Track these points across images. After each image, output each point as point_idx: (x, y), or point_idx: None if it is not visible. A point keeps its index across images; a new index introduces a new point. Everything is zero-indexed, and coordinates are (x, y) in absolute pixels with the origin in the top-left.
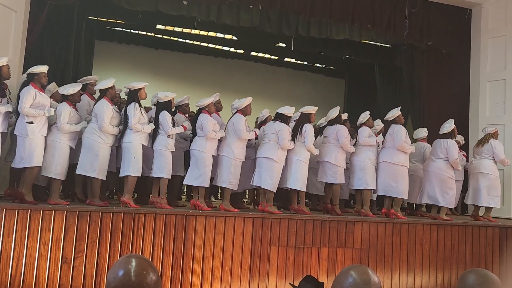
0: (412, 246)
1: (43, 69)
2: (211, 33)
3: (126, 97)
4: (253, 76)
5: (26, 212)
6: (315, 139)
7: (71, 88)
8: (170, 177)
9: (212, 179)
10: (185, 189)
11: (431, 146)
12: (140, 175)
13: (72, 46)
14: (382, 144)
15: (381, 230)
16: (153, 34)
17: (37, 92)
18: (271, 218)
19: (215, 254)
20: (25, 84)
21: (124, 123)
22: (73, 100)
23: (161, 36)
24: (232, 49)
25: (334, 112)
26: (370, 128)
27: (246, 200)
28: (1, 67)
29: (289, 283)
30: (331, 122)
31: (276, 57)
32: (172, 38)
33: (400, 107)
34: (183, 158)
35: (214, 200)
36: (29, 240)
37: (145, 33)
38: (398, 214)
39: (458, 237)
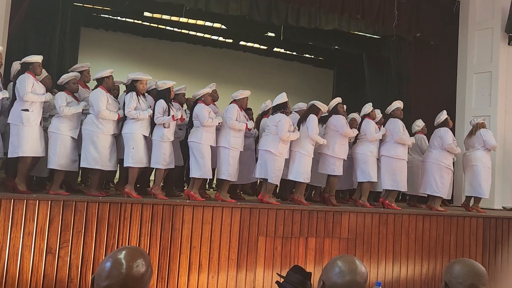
0: (398, 236)
1: (37, 58)
2: (199, 22)
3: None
4: (242, 66)
5: (10, 201)
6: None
7: (65, 76)
8: (165, 168)
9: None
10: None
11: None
12: (141, 166)
13: (57, 33)
14: (383, 137)
15: (368, 221)
16: (140, 22)
17: (34, 80)
18: (259, 208)
19: (202, 244)
20: (20, 73)
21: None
22: (70, 89)
23: (148, 24)
24: (220, 38)
25: (331, 103)
26: (373, 119)
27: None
28: None
29: (277, 273)
30: (330, 113)
31: (265, 47)
32: (159, 26)
33: (401, 102)
34: (179, 148)
35: (208, 189)
36: (13, 230)
37: (132, 20)
38: (393, 205)
39: (443, 228)
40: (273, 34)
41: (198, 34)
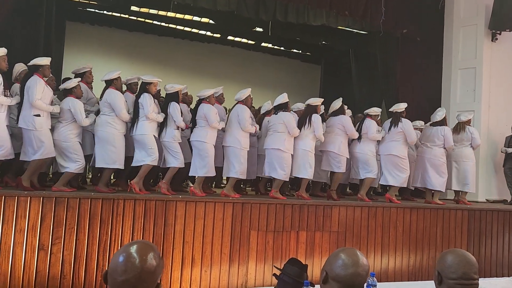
0: (387, 229)
1: (47, 61)
2: (187, 16)
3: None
4: (230, 61)
5: (0, 199)
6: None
7: (73, 81)
8: (183, 166)
9: (217, 168)
10: None
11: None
12: (156, 164)
13: (43, 27)
14: (387, 136)
15: (357, 214)
16: (127, 16)
17: (44, 84)
18: (251, 203)
19: (195, 239)
20: (29, 76)
21: (134, 114)
22: (76, 94)
23: (135, 18)
24: (208, 33)
25: (337, 103)
26: (375, 121)
27: (223, 186)
28: None
29: (274, 266)
30: (335, 113)
31: (253, 42)
32: (147, 20)
33: (406, 101)
34: (188, 145)
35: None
36: (4, 227)
37: (118, 14)
38: (393, 198)
39: (430, 220)
40: (261, 29)
41: (186, 28)
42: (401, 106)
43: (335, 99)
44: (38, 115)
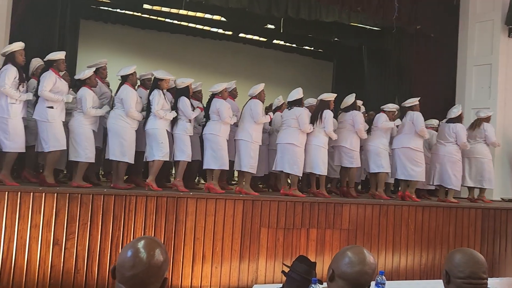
0: (398, 227)
1: (61, 55)
2: (199, 14)
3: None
4: (241, 58)
5: (16, 194)
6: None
7: (86, 71)
8: (190, 160)
9: (230, 163)
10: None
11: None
12: (167, 159)
13: (57, 25)
14: (400, 130)
15: (368, 212)
16: (139, 14)
17: (57, 77)
18: (261, 200)
19: (206, 236)
20: (44, 70)
21: (147, 109)
22: (90, 84)
23: (148, 16)
24: (220, 31)
25: (350, 99)
26: (389, 116)
27: (234, 182)
28: (15, 52)
29: (283, 263)
30: (347, 109)
31: (264, 39)
32: (159, 18)
33: (419, 97)
34: (199, 143)
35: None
36: (20, 222)
37: (131, 12)
38: (413, 196)
39: (443, 218)
40: (272, 26)
41: (198, 26)
42: (410, 101)
43: (347, 96)
44: (51, 107)
